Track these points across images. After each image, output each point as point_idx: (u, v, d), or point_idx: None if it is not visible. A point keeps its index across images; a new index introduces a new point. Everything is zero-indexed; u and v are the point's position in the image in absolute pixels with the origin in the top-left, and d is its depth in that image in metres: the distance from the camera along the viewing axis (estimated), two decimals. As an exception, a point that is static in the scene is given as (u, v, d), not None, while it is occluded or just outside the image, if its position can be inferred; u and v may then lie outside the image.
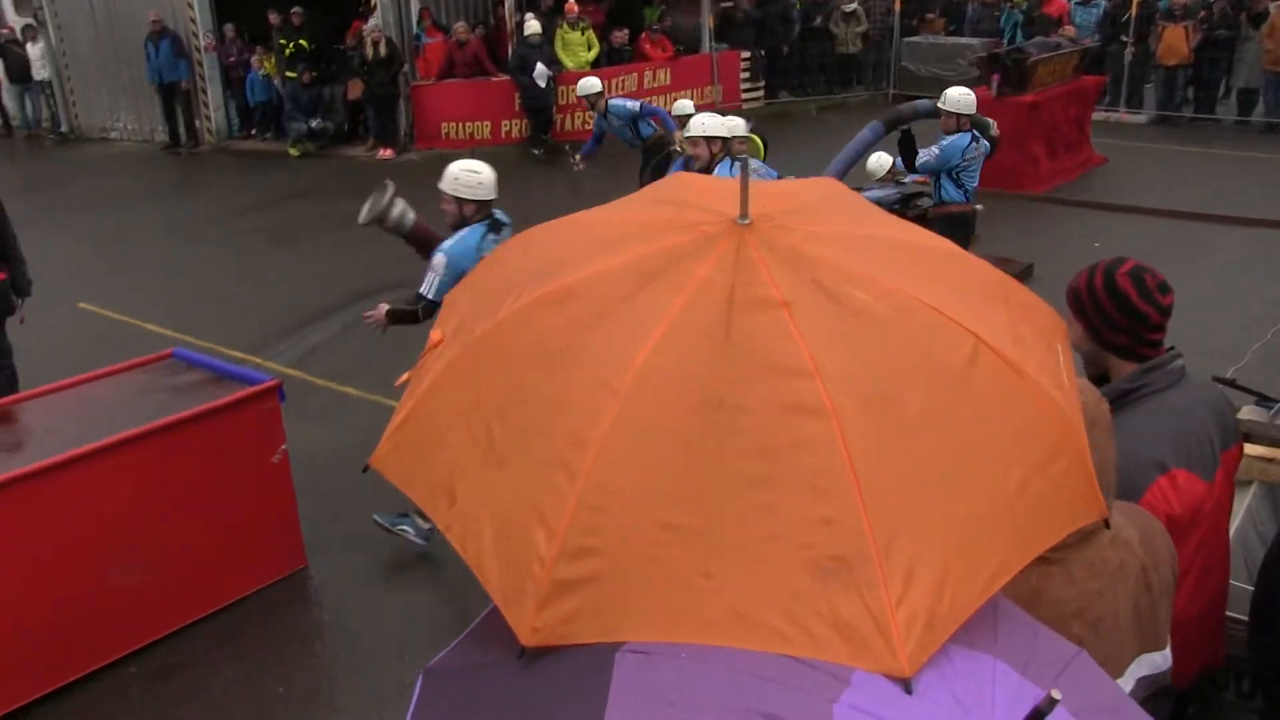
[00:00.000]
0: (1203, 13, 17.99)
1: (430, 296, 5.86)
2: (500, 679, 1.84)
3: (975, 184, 8.98)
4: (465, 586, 5.86)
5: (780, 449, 1.83)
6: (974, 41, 19.80)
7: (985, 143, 8.87)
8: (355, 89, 17.54)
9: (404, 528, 6.17)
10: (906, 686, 1.71)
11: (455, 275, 5.75)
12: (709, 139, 7.29)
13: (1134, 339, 2.99)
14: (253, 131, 19.34)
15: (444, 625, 5.57)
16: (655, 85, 18.35)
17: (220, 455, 5.62)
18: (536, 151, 17.08)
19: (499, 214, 6.12)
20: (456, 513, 2.00)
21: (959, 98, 8.90)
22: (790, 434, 1.84)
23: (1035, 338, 2.10)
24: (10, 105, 21.86)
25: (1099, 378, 3.04)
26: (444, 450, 2.07)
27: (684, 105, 11.70)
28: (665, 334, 1.91)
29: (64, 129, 21.30)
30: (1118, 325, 2.99)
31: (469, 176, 6.14)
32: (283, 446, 5.98)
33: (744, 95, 20.09)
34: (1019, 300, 2.24)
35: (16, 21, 21.53)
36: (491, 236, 6.03)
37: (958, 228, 8.55)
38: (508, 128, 17.09)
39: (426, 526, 5.93)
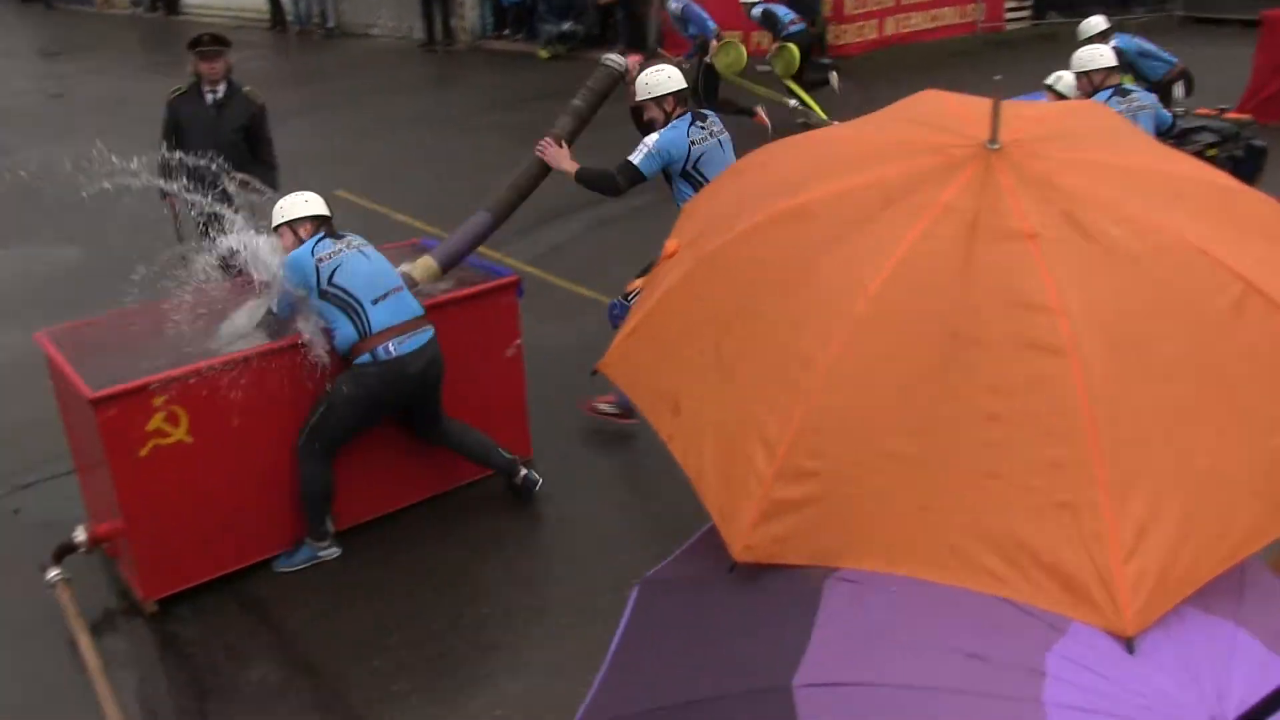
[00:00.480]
0: None
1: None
2: (711, 595, 1.86)
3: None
4: (682, 494, 5.93)
5: (1015, 386, 1.76)
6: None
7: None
8: (603, -10, 17.59)
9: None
10: (1129, 646, 1.64)
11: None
12: (658, 99, 6.59)
13: None
14: (505, 32, 19.67)
15: (658, 528, 5.66)
16: (913, 1, 17.75)
17: (458, 345, 5.81)
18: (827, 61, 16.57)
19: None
20: (680, 424, 1.99)
21: (1090, 58, 7.96)
22: (1027, 371, 1.76)
23: None
24: (286, 2, 22.99)
25: None
26: (672, 361, 2.06)
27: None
28: (902, 260, 1.84)
29: (331, 25, 22.20)
30: None
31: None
32: (517, 341, 6.15)
33: (1008, 15, 19.22)
34: None
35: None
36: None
37: None
38: (758, 37, 16.82)
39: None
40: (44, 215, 10.77)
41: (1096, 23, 10.13)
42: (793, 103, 12.94)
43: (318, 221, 5.49)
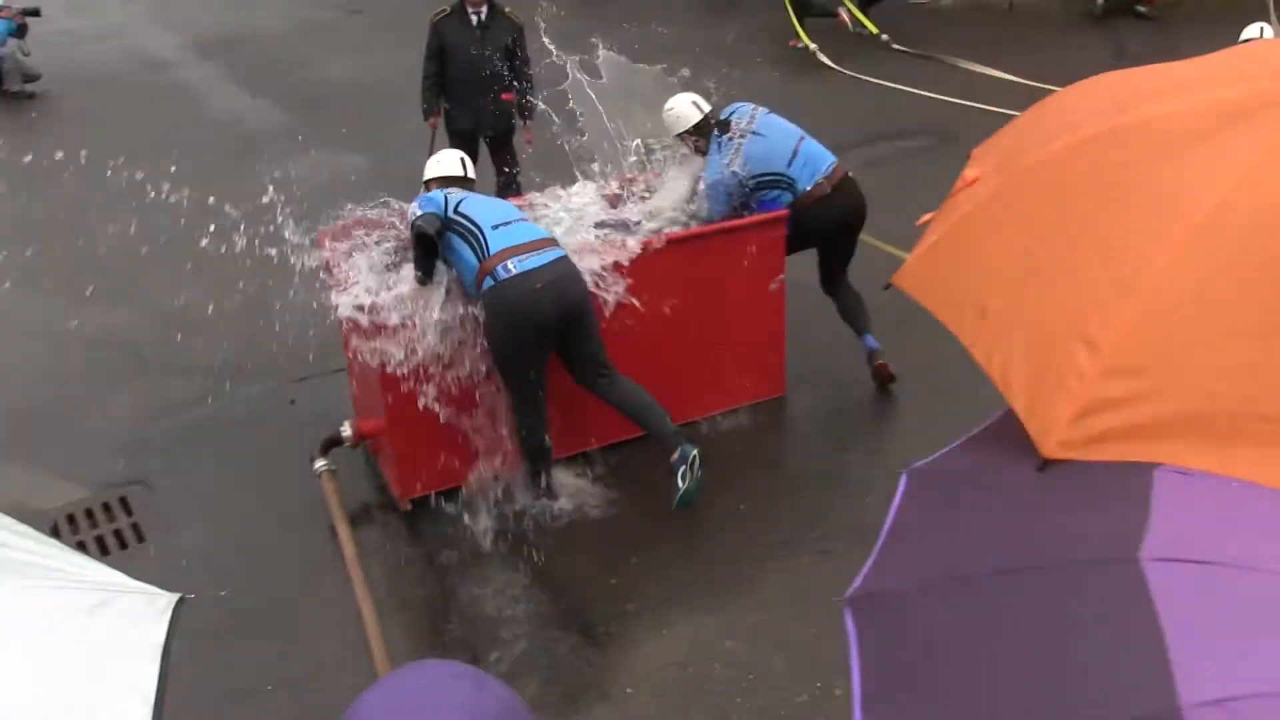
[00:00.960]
0: None
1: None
2: (1010, 483, 1.81)
3: None
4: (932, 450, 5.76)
5: None
6: None
7: None
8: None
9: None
10: None
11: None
12: (681, 137, 6.26)
13: None
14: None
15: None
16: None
17: (725, 275, 5.84)
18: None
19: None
20: (986, 325, 1.96)
21: None
22: None
23: None
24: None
25: None
26: (978, 270, 2.04)
27: None
28: (1249, 174, 1.76)
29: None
30: None
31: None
32: (781, 276, 6.07)
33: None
34: None
35: None
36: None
37: None
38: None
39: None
40: (335, 124, 11.30)
41: None
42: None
43: (446, 181, 5.69)
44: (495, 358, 5.28)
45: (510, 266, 5.12)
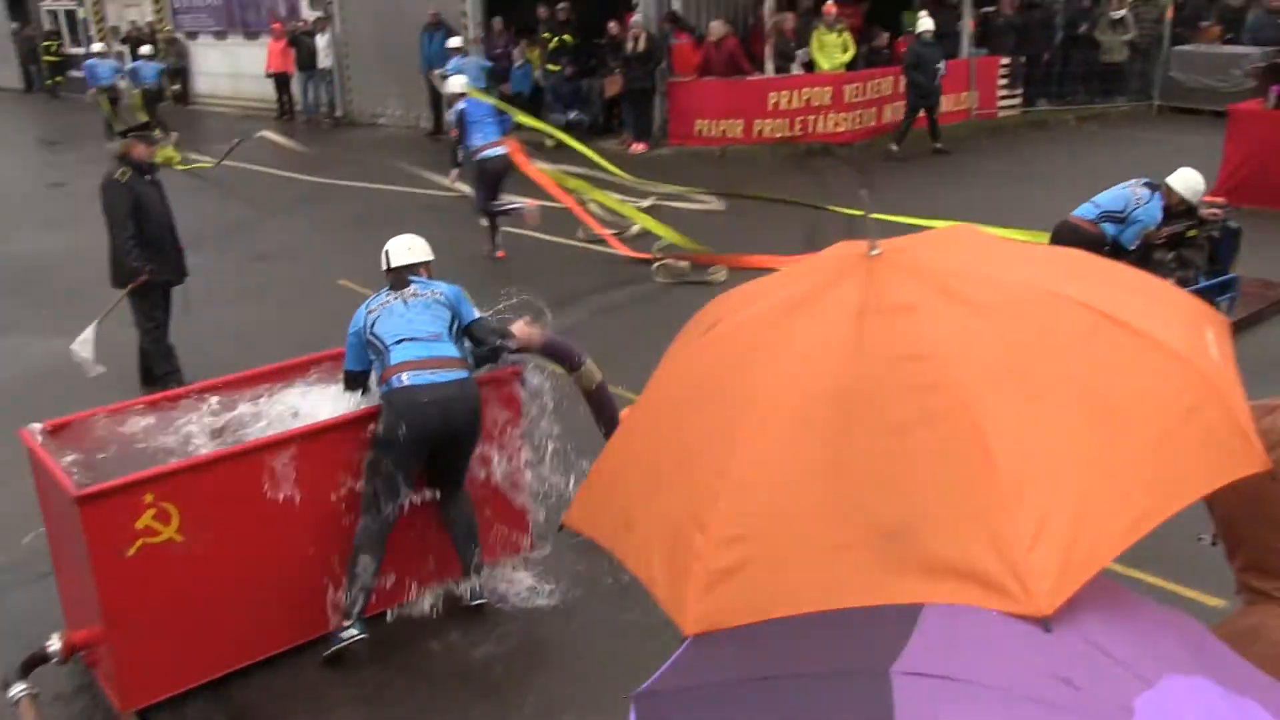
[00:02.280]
0: None
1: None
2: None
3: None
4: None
5: (909, 424, 1.98)
6: (1252, 50, 18.48)
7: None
8: (614, 85, 17.80)
9: None
10: (1045, 625, 1.75)
11: (353, 341, 5.80)
12: None
13: None
14: (513, 122, 19.90)
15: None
16: (909, 89, 17.92)
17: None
18: (939, 145, 16.82)
19: (416, 281, 5.86)
20: (633, 537, 2.19)
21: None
22: (919, 409, 1.98)
23: (1175, 317, 2.20)
24: (294, 90, 23.29)
25: None
26: (620, 491, 2.29)
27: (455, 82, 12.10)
28: (804, 345, 2.12)
29: (339, 114, 22.46)
30: None
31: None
32: (519, 431, 6.07)
33: (1000, 102, 19.39)
34: (1166, 296, 2.34)
35: (310, 15, 22.88)
36: (385, 292, 5.80)
37: None
38: (760, 127, 16.97)
39: None
40: (35, 305, 10.78)
41: None
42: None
43: (390, 274, 5.83)
44: (368, 460, 5.35)
45: (404, 379, 5.30)
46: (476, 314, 5.83)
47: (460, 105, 11.94)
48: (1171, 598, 5.37)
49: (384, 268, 5.90)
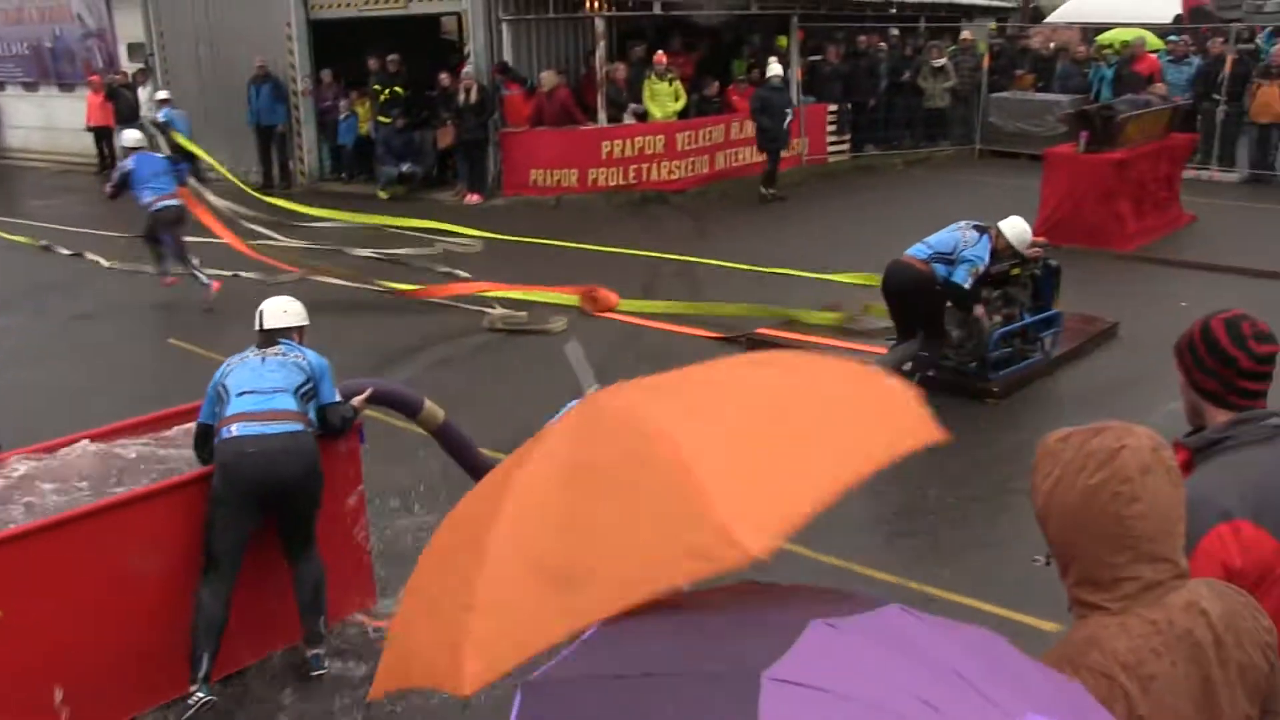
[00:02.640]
0: (1297, 72, 17.60)
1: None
2: (678, 610, 2.02)
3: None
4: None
5: (626, 469, 2.17)
6: (1062, 98, 19.53)
7: None
8: (446, 136, 17.75)
9: None
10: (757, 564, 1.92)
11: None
12: None
13: (1223, 384, 2.96)
14: (343, 175, 19.64)
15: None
16: (742, 137, 18.31)
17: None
18: (769, 191, 17.14)
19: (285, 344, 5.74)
20: (417, 663, 2.32)
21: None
22: (632, 458, 2.17)
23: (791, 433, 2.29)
24: (116, 144, 22.56)
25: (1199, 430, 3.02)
26: (412, 639, 2.40)
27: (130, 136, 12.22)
28: (518, 491, 2.30)
29: (164, 168, 21.84)
30: (1206, 367, 2.97)
31: None
32: (360, 488, 5.95)
33: (830, 148, 20.00)
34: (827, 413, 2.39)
35: (129, 67, 22.26)
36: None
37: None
38: (595, 176, 17.13)
39: None
40: None
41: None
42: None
43: (261, 334, 5.73)
44: (206, 517, 5.21)
45: (234, 429, 5.17)
46: (336, 397, 5.66)
47: (128, 164, 11.89)
48: (1008, 624, 5.55)
49: (256, 327, 5.77)
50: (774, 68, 17.07)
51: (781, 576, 5.98)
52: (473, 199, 17.40)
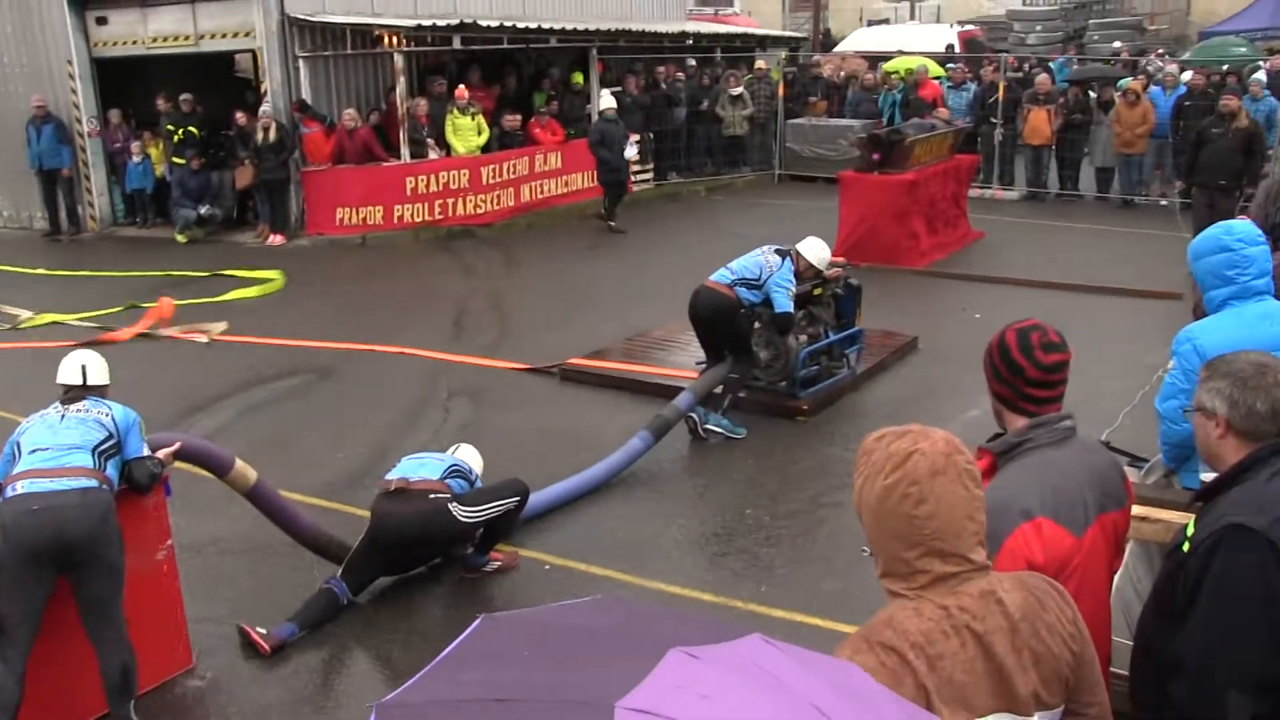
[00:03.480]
0: (1061, 98, 18.75)
1: None
2: (536, 640, 2.02)
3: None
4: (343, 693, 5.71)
5: None
6: (854, 123, 20.28)
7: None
8: (244, 176, 17.31)
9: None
10: None
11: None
12: None
13: (1015, 391, 3.14)
14: (138, 219, 18.89)
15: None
16: (547, 169, 18.39)
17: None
18: (613, 224, 17.05)
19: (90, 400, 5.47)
20: None
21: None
22: None
23: None
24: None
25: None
26: None
27: None
28: None
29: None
30: (1001, 376, 3.16)
31: None
32: (168, 542, 5.74)
33: (635, 177, 20.25)
34: None
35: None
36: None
37: None
38: (400, 212, 16.93)
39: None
40: None
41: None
42: None
43: (65, 389, 5.46)
44: None
45: (19, 486, 4.89)
46: (145, 451, 5.40)
47: None
48: (831, 635, 5.70)
49: (57, 382, 5.50)
50: (607, 100, 17.18)
51: (606, 604, 5.87)
52: (276, 240, 16.99)
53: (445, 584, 6.53)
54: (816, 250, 8.93)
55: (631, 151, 17.06)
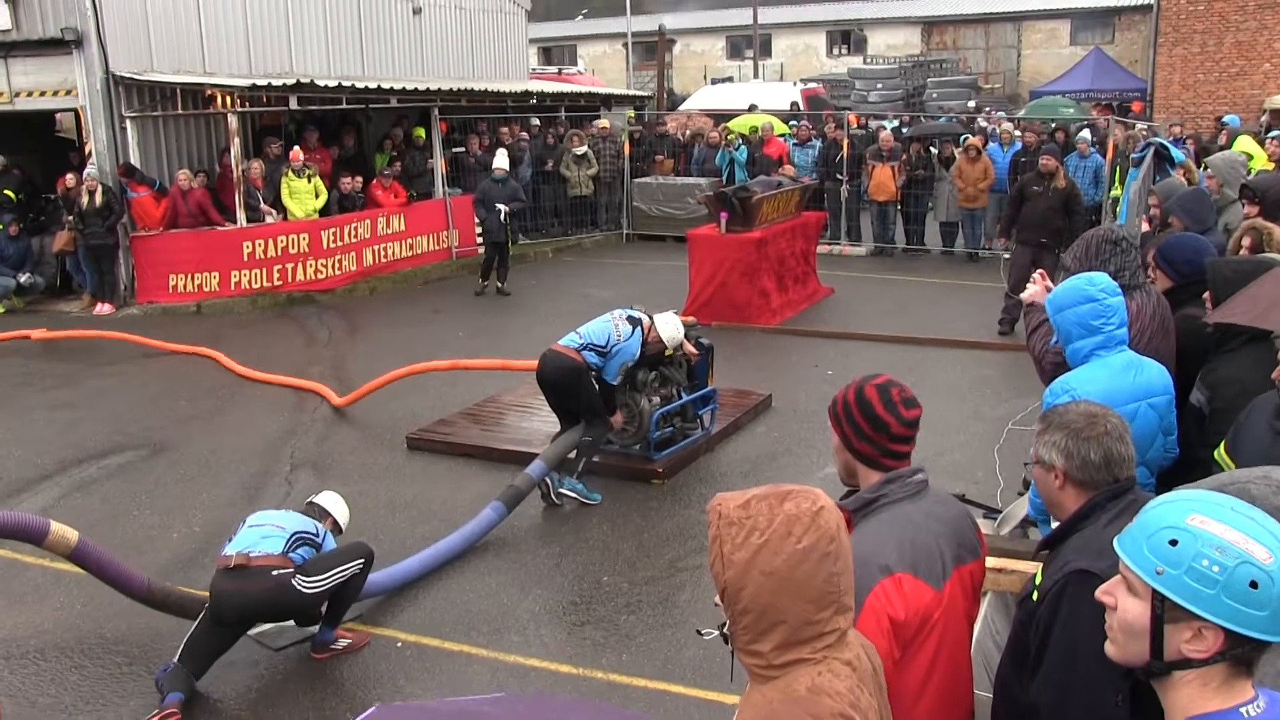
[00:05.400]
0: (904, 155, 19.43)
1: None
2: None
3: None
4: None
5: None
6: (701, 181, 20.66)
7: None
8: (60, 240, 16.74)
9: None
10: None
11: None
12: None
13: (877, 448, 3.18)
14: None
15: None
16: (390, 232, 18.24)
17: None
18: (501, 285, 16.95)
19: None
20: None
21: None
22: None
23: None
24: None
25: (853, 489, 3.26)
26: None
27: None
28: None
29: None
30: (863, 432, 3.18)
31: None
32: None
33: (479, 241, 20.21)
34: None
35: None
36: None
37: None
38: (237, 278, 16.58)
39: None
40: None
41: None
42: None
43: None
44: None
45: None
46: None
47: None
48: (695, 703, 5.72)
49: None
50: (499, 159, 17.15)
51: (460, 679, 6.03)
52: (104, 309, 16.41)
53: (293, 666, 6.36)
54: (671, 329, 8.95)
55: (501, 212, 16.84)
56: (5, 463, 9.88)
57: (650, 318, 8.89)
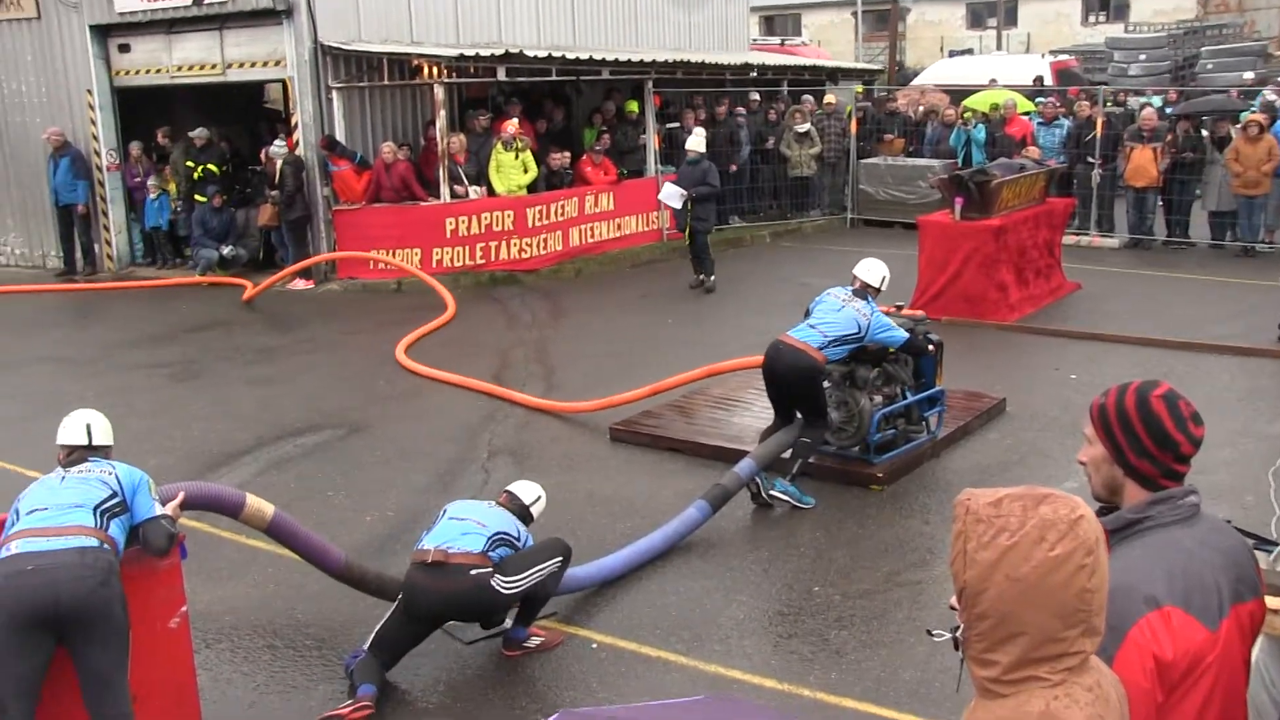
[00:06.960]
0: (1169, 135, 18.50)
1: None
2: None
3: None
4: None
5: None
6: (935, 163, 20.18)
7: None
8: (265, 214, 17.50)
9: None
10: None
11: None
12: None
13: (1159, 467, 2.96)
14: (155, 259, 19.17)
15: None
16: (598, 211, 18.47)
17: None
18: (704, 279, 16.41)
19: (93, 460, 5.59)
20: None
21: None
22: None
23: None
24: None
25: (1109, 506, 3.03)
26: None
27: None
28: None
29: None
30: (1145, 449, 2.96)
31: None
32: (182, 609, 5.76)
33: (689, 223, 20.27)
34: None
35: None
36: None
37: None
38: (439, 256, 17.04)
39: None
40: None
41: None
42: None
43: (67, 450, 5.56)
44: None
45: (14, 546, 4.94)
46: (156, 511, 5.41)
47: None
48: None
49: (58, 443, 5.60)
50: (693, 140, 16.49)
51: (657, 686, 6.08)
52: (304, 285, 17.06)
53: (484, 661, 6.50)
54: (876, 269, 8.98)
55: (669, 194, 16.33)
56: (206, 437, 10.41)
57: (862, 281, 8.94)
